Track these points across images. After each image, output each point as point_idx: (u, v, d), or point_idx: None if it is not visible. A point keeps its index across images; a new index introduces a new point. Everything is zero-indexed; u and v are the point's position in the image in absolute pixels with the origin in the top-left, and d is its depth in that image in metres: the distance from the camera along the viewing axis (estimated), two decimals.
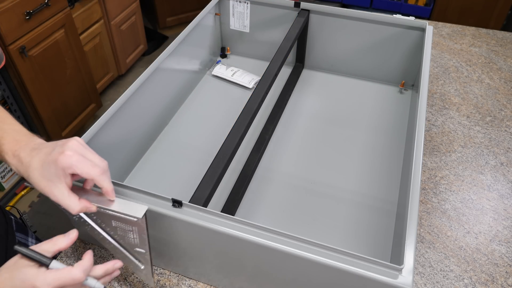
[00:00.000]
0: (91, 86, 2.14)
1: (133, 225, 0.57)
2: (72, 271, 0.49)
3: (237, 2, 1.17)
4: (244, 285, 0.71)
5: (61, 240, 0.52)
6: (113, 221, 0.57)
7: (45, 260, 0.50)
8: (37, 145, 0.54)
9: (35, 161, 0.52)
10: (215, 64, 1.24)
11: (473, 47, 1.37)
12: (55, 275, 0.48)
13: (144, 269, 0.63)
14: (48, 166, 0.51)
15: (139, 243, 0.59)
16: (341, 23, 1.11)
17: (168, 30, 3.03)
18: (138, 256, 0.62)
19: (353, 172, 0.93)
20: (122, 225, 0.57)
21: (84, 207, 0.54)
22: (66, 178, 0.52)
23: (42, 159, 0.51)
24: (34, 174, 0.51)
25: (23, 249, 0.49)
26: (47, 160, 0.51)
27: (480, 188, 0.93)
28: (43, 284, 0.48)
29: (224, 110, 1.09)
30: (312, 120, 1.07)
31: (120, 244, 0.61)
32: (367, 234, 0.81)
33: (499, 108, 1.14)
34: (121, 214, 0.56)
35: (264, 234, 0.59)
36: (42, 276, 0.48)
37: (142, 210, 0.55)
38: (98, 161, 0.53)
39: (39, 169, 0.51)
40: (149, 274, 0.63)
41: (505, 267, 0.79)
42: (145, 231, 0.57)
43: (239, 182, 0.89)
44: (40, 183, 0.51)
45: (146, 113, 0.94)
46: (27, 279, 0.48)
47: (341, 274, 0.56)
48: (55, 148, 0.52)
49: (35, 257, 0.49)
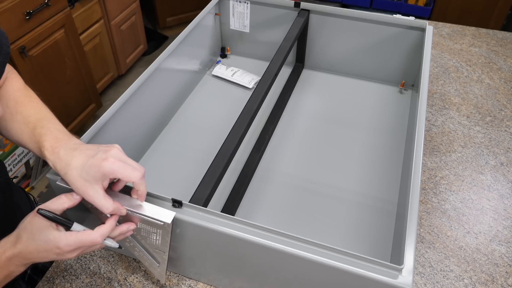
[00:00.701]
0: (91, 86, 2.14)
1: (159, 228, 0.60)
2: (91, 235, 0.53)
3: (237, 2, 1.17)
4: (244, 285, 0.71)
5: (68, 198, 0.55)
6: (139, 223, 0.60)
7: (68, 223, 0.54)
8: (76, 145, 0.57)
9: (75, 161, 0.55)
10: (215, 64, 1.24)
11: (473, 47, 1.37)
12: (76, 237, 0.52)
13: (159, 267, 0.66)
14: (89, 168, 0.54)
15: (161, 244, 0.63)
16: (341, 23, 1.11)
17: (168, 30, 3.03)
18: (156, 255, 0.65)
19: (353, 172, 0.93)
20: (147, 227, 0.60)
21: (117, 208, 0.56)
22: (104, 181, 0.55)
23: (83, 161, 0.54)
24: (72, 172, 0.54)
25: (47, 212, 0.53)
26: (89, 163, 0.54)
27: (480, 188, 0.93)
28: (65, 245, 0.52)
29: (224, 110, 1.09)
30: (312, 120, 1.07)
31: (141, 244, 0.64)
32: (367, 234, 0.81)
33: (499, 108, 1.14)
34: (150, 218, 0.58)
35: (264, 234, 0.59)
36: (64, 237, 0.52)
37: (171, 216, 0.58)
38: (137, 166, 0.57)
39: (78, 169, 0.54)
40: (162, 272, 0.67)
41: (505, 267, 0.79)
42: (169, 234, 0.60)
43: (239, 182, 0.89)
44: (77, 182, 0.54)
45: (146, 113, 0.94)
46: (50, 240, 0.52)
47: (341, 274, 0.56)
48: (97, 153, 0.55)
49: (60, 220, 0.53)
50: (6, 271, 0.53)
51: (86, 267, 0.77)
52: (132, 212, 0.59)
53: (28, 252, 0.52)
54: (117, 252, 0.80)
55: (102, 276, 0.76)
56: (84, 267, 0.77)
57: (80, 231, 0.54)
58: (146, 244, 0.64)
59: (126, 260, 0.78)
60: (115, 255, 0.79)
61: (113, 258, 0.79)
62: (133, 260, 0.78)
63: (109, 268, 0.77)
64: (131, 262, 0.78)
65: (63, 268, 0.77)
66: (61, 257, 0.54)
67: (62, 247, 0.52)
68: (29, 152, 1.79)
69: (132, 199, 0.60)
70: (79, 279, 0.76)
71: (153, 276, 0.72)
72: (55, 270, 0.77)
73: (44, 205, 0.54)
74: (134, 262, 0.78)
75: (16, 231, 0.54)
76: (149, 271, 0.69)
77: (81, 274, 0.76)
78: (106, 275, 0.76)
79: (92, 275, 0.76)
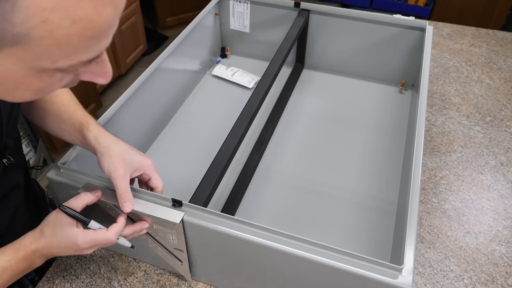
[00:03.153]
0: (91, 86, 2.14)
1: (172, 228, 0.62)
2: (106, 234, 0.57)
3: (237, 2, 1.17)
4: (244, 285, 0.71)
5: (87, 196, 0.59)
6: (155, 225, 0.63)
7: (85, 220, 0.57)
8: (115, 138, 0.64)
9: (120, 143, 0.62)
10: (215, 64, 1.24)
11: (473, 47, 1.37)
12: (92, 235, 0.56)
13: (183, 265, 0.70)
14: (132, 154, 0.61)
15: (178, 243, 0.65)
16: (341, 23, 1.11)
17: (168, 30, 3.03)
18: (177, 254, 0.68)
19: (353, 172, 0.93)
20: (163, 228, 0.63)
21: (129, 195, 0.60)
22: (133, 172, 0.61)
23: (127, 147, 0.62)
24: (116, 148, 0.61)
25: (68, 209, 0.56)
26: (133, 152, 0.62)
27: (480, 188, 0.93)
28: (82, 242, 0.55)
29: (224, 110, 1.09)
30: (312, 120, 1.07)
31: (161, 244, 0.67)
32: (367, 234, 0.81)
33: (499, 108, 1.14)
34: (159, 219, 0.61)
35: (264, 234, 0.59)
36: (82, 235, 0.56)
37: (180, 216, 0.60)
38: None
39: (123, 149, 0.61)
40: (186, 269, 0.70)
41: (505, 267, 0.79)
42: (182, 233, 0.63)
43: (239, 182, 0.89)
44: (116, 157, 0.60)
45: (146, 113, 0.94)
46: (69, 237, 0.55)
47: (341, 274, 0.56)
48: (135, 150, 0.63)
49: (78, 217, 0.56)
50: (29, 262, 0.57)
51: (86, 267, 0.77)
52: (142, 214, 0.61)
53: (50, 247, 0.56)
54: (117, 252, 0.80)
55: (102, 276, 0.76)
56: (84, 267, 0.77)
57: (96, 230, 0.57)
58: (166, 244, 0.67)
59: (126, 260, 0.78)
60: (115, 255, 0.79)
61: (113, 258, 0.79)
62: (133, 260, 0.78)
63: (109, 268, 0.77)
64: (131, 262, 0.78)
65: (63, 268, 0.77)
66: (79, 253, 0.58)
67: (79, 244, 0.55)
68: (29, 152, 1.79)
69: (143, 201, 0.62)
70: (79, 279, 0.76)
71: (179, 273, 0.76)
72: (55, 270, 0.77)
73: (66, 202, 0.57)
74: (134, 262, 0.78)
75: (40, 226, 0.58)
76: (176, 270, 0.73)
77: (81, 274, 0.76)
78: (106, 275, 0.76)
79: (92, 275, 0.76)
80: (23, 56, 0.35)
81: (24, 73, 0.37)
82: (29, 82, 0.38)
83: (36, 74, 0.37)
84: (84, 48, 0.36)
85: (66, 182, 0.66)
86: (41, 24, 0.32)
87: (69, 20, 0.32)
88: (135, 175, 0.63)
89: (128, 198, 0.59)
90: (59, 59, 0.36)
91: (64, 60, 0.36)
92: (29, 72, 0.37)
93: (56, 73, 0.39)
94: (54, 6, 0.31)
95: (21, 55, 0.35)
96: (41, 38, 0.33)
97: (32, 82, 0.38)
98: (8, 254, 0.56)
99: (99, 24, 0.35)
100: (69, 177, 0.67)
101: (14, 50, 0.34)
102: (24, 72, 0.37)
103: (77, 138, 0.66)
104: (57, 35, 0.33)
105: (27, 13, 0.31)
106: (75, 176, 0.67)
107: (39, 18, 0.31)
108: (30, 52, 0.34)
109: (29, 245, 0.56)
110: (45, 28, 0.32)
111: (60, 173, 0.67)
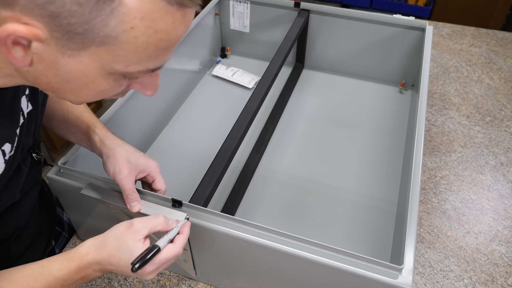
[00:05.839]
0: None
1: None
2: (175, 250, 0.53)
3: (237, 2, 1.17)
4: (244, 285, 0.71)
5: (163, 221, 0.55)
6: None
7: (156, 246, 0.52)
8: (121, 141, 0.65)
9: (126, 146, 0.63)
10: (215, 64, 1.24)
11: (473, 47, 1.37)
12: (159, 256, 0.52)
13: (187, 263, 0.70)
14: (137, 156, 0.62)
15: None
16: (341, 23, 1.11)
17: None
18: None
19: (353, 172, 0.93)
20: None
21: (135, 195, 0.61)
22: (138, 175, 0.62)
23: (133, 149, 0.63)
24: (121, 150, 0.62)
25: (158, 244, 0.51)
26: (138, 153, 0.63)
27: (480, 188, 0.93)
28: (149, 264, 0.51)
29: (224, 110, 1.09)
30: (312, 120, 1.07)
31: None
32: (367, 234, 0.81)
33: (499, 108, 1.14)
34: None
35: (264, 234, 0.59)
36: None
37: (182, 216, 0.60)
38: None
39: (128, 151, 0.62)
40: (191, 267, 0.71)
41: (505, 267, 0.79)
42: None
43: (239, 182, 0.89)
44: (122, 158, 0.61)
45: (146, 113, 0.94)
46: (134, 256, 0.50)
47: (341, 274, 0.56)
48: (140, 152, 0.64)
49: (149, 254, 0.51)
50: (83, 273, 0.52)
51: None
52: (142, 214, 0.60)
53: (108, 263, 0.51)
54: None
55: (102, 276, 0.76)
56: None
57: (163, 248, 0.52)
58: None
59: None
60: None
61: None
62: None
63: None
64: None
65: None
66: (140, 276, 0.52)
67: (145, 268, 0.51)
68: None
69: (144, 201, 0.62)
70: None
71: (179, 273, 0.77)
72: None
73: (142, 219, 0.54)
74: None
75: (104, 236, 0.53)
76: (182, 267, 0.73)
77: None
78: (106, 275, 0.76)
79: None
80: (103, 57, 0.38)
81: (96, 73, 0.40)
82: (98, 82, 0.41)
83: (105, 76, 0.41)
84: (154, 57, 0.40)
85: (66, 182, 0.66)
86: (129, 29, 0.36)
87: (152, 30, 0.37)
88: (140, 176, 0.63)
89: (136, 198, 0.59)
90: (132, 64, 0.40)
91: (135, 66, 0.40)
92: (101, 72, 0.40)
93: (121, 78, 0.42)
94: (144, 16, 0.36)
95: (102, 55, 0.38)
96: (125, 42, 0.37)
97: (100, 82, 0.41)
98: (61, 262, 0.52)
99: (172, 38, 0.40)
100: (69, 177, 0.67)
101: (99, 50, 0.37)
102: (97, 72, 0.40)
103: (83, 140, 0.66)
104: (138, 41, 0.38)
105: (121, 18, 0.36)
106: (75, 176, 0.67)
107: (129, 24, 0.36)
108: (111, 54, 0.38)
109: (85, 255, 0.52)
110: (132, 34, 0.37)
111: (60, 173, 0.67)
